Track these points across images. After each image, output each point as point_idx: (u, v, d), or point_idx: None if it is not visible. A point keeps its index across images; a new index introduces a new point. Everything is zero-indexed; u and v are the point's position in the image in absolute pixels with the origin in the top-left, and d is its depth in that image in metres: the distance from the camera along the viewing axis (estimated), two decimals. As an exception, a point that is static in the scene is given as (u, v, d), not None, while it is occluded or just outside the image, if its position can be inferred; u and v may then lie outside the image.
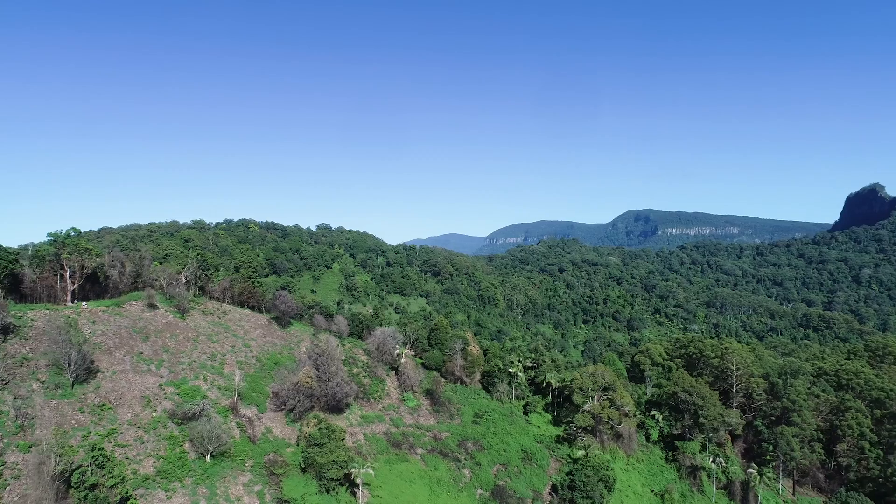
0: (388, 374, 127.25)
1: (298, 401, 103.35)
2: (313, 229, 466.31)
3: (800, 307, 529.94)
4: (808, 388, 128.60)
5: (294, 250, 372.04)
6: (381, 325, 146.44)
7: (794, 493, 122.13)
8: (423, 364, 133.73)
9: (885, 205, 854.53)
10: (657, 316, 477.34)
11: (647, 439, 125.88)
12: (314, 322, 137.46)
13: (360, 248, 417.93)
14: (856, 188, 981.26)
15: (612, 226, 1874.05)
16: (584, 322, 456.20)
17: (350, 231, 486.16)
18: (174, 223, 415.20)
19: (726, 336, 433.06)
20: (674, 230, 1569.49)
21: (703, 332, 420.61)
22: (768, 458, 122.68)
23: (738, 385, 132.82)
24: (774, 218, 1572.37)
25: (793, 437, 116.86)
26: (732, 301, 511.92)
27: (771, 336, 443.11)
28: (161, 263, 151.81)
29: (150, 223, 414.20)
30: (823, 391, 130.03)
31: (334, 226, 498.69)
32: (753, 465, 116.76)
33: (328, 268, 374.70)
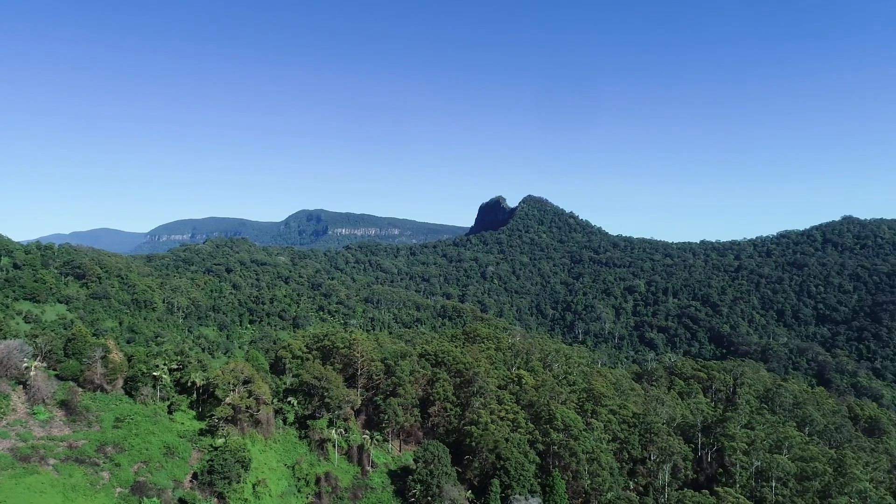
0: (14, 390, 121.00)
1: None
2: None
3: (440, 300, 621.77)
4: (413, 367, 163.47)
5: None
6: (5, 337, 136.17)
7: (400, 450, 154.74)
8: (57, 375, 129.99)
9: (506, 214, 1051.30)
10: (321, 313, 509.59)
11: (285, 422, 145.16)
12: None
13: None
14: (486, 198, 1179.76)
15: (285, 224, 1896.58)
16: (251, 322, 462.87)
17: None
18: None
19: (380, 328, 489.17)
20: (343, 230, 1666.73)
21: (360, 326, 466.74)
22: (383, 425, 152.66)
23: (361, 369, 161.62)
24: (429, 221, 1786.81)
25: (398, 405, 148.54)
26: (387, 297, 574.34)
27: (417, 326, 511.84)
28: None
29: None
30: (423, 368, 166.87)
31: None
32: (367, 431, 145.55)
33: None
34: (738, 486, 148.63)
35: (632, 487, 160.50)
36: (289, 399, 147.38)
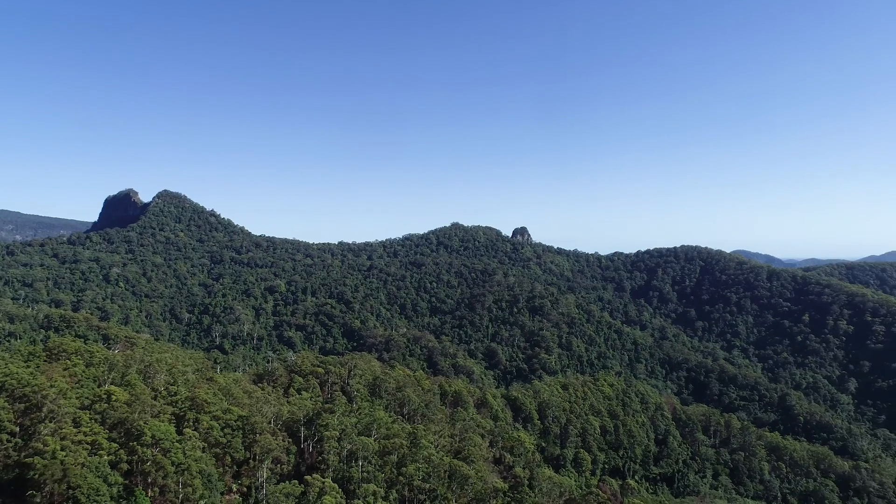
0: None
1: None
2: None
3: (45, 308, 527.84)
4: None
5: None
6: None
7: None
8: None
9: (137, 209, 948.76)
10: None
11: None
12: None
13: None
14: (114, 191, 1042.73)
15: None
16: None
17: None
18: None
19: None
20: None
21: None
22: None
23: None
24: (40, 214, 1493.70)
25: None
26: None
27: (10, 341, 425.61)
28: None
29: None
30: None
31: None
32: None
33: None
34: (331, 470, 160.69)
35: (235, 489, 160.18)
36: None
